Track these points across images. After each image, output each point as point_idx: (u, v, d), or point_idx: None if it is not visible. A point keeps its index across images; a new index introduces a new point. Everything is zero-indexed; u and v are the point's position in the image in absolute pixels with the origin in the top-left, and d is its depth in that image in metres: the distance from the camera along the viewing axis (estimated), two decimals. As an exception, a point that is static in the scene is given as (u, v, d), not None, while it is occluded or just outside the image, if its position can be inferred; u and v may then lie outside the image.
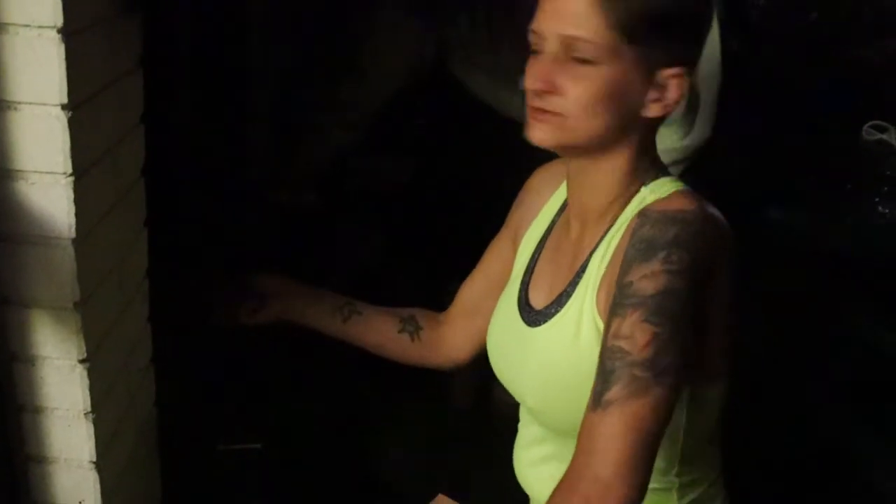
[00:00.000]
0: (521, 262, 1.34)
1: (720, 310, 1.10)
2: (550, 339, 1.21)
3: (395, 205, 2.22)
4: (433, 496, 1.53)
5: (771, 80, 2.24)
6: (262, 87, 1.73)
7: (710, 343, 1.11)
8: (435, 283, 1.62)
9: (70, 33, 0.96)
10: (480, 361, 1.42)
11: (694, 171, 1.83)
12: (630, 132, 1.13)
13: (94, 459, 1.16)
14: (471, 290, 1.47)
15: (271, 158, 1.87)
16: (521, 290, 1.31)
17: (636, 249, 1.06)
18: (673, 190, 1.14)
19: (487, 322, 1.40)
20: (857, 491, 1.69)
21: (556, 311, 1.20)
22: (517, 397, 1.30)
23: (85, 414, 1.14)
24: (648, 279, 1.03)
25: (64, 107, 0.97)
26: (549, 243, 1.31)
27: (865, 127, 2.22)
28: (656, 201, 1.11)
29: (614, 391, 1.00)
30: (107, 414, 1.19)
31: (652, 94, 1.10)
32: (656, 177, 1.17)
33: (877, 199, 1.88)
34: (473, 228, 1.52)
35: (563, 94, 1.09)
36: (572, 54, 1.08)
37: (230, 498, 1.52)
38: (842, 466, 1.72)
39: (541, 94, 1.10)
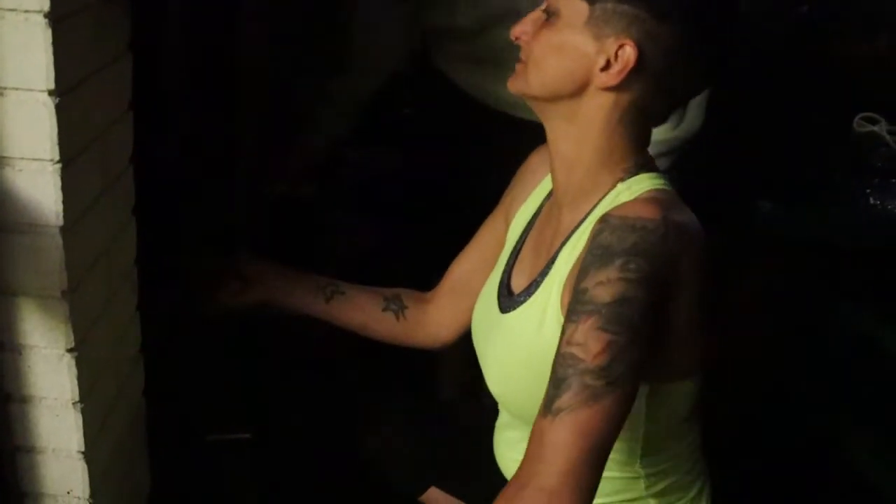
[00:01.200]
0: (510, 244, 1.35)
1: (688, 313, 1.09)
2: (515, 327, 1.21)
3: (386, 194, 2.21)
4: (425, 488, 1.53)
5: (761, 73, 2.24)
6: (252, 74, 1.72)
7: (676, 344, 1.10)
8: (426, 273, 1.62)
9: (57, 18, 0.94)
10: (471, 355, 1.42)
11: (684, 163, 1.83)
12: (590, 102, 1.13)
13: (83, 449, 1.15)
14: (461, 267, 1.48)
15: (260, 146, 1.85)
16: (504, 274, 1.31)
17: (593, 255, 1.05)
18: (645, 190, 1.13)
19: (474, 302, 1.41)
20: (848, 481, 1.70)
21: (525, 300, 1.21)
22: (486, 380, 1.30)
23: (73, 403, 1.13)
24: (604, 286, 1.01)
25: (51, 93, 0.96)
26: (535, 227, 1.31)
27: (856, 119, 2.22)
28: (619, 206, 1.10)
29: (565, 399, 0.98)
30: (95, 403, 1.18)
31: (600, 61, 1.10)
32: (636, 172, 1.16)
33: (868, 191, 1.88)
34: (463, 218, 1.52)
35: (527, 43, 1.15)
36: (543, 9, 1.14)
37: (220, 488, 1.51)
38: (833, 458, 1.73)
39: (515, 39, 1.17)
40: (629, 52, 1.09)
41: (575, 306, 1.03)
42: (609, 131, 1.14)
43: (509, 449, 1.32)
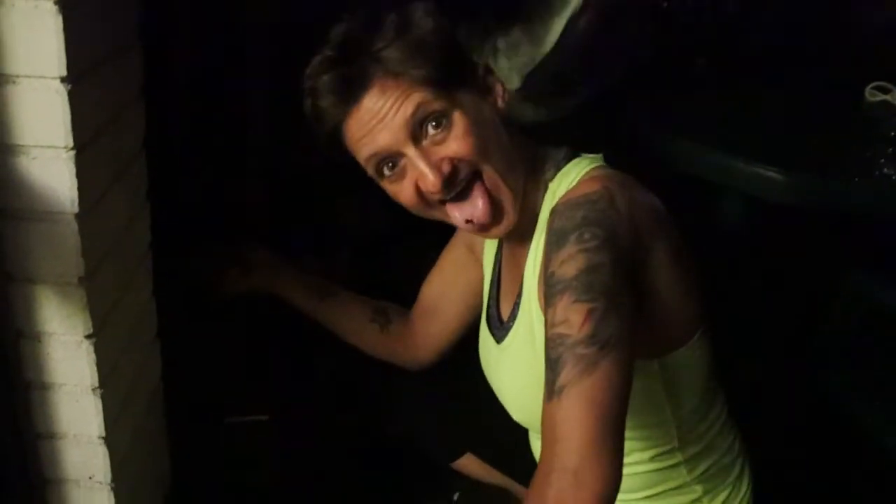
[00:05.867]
0: (487, 276, 1.37)
1: (666, 275, 1.08)
2: (514, 352, 1.22)
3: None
4: (459, 454, 1.54)
5: (770, 42, 2.22)
6: (262, 59, 1.71)
7: (665, 309, 1.10)
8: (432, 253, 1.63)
9: (67, 4, 0.94)
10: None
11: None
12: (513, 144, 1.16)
13: (103, 434, 1.17)
14: (429, 291, 1.52)
15: (272, 131, 1.85)
16: (489, 307, 1.34)
17: (550, 242, 1.05)
18: (579, 175, 1.14)
19: (446, 325, 1.48)
20: (869, 456, 1.70)
21: (511, 325, 1.22)
22: (509, 412, 1.31)
23: (93, 389, 1.14)
24: (567, 263, 1.01)
25: (63, 79, 0.96)
26: (504, 255, 1.32)
27: (868, 88, 2.20)
28: (564, 193, 1.11)
29: (563, 375, 0.97)
30: (114, 389, 1.19)
31: (490, 99, 1.15)
32: (559, 166, 1.17)
33: (882, 161, 1.87)
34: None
35: (458, 165, 1.11)
36: (427, 127, 1.10)
37: (239, 470, 1.52)
38: (853, 428, 1.73)
39: (451, 175, 1.11)
40: (491, 73, 1.17)
41: (549, 291, 1.02)
42: (530, 152, 1.18)
43: None
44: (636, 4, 1.82)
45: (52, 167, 1.00)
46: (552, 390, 0.97)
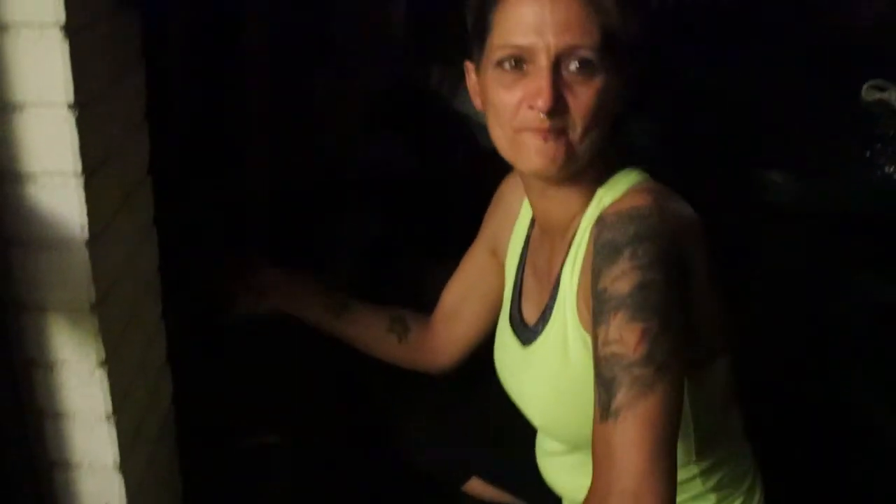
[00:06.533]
0: (510, 277, 1.35)
1: (701, 294, 1.08)
2: (541, 357, 1.20)
3: (396, 194, 2.20)
4: (467, 477, 1.53)
5: (768, 41, 2.23)
6: (262, 78, 1.71)
7: (702, 330, 1.09)
8: (434, 268, 1.62)
9: (73, 30, 0.93)
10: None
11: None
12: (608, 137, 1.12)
13: (118, 462, 1.15)
14: (450, 297, 1.50)
15: (274, 149, 1.85)
16: (512, 308, 1.32)
17: (601, 256, 1.03)
18: (627, 186, 1.12)
19: (468, 330, 1.46)
20: (879, 453, 1.69)
21: (543, 328, 1.20)
22: (527, 416, 1.30)
23: (106, 417, 1.12)
24: (621, 279, 1.00)
25: (70, 106, 0.95)
26: (529, 256, 1.31)
27: (865, 86, 2.21)
28: (611, 204, 1.09)
29: (620, 397, 0.96)
30: (128, 415, 1.17)
31: (622, 94, 1.10)
32: (610, 174, 1.15)
33: (881, 160, 1.87)
34: (469, 220, 1.51)
35: (571, 110, 1.06)
36: (570, 66, 1.05)
37: (252, 493, 1.51)
38: (862, 424, 1.72)
39: (551, 113, 1.05)
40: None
41: (600, 308, 1.01)
42: (602, 155, 1.14)
43: (562, 476, 1.31)
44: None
45: (60, 194, 0.99)
46: (607, 411, 0.97)
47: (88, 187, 1.00)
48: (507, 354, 1.31)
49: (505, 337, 1.32)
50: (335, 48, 1.97)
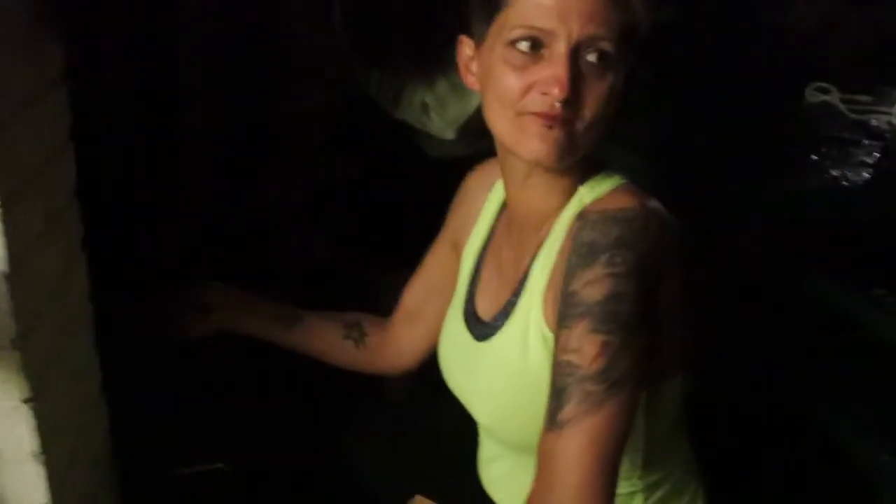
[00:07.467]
0: (465, 270, 1.31)
1: (669, 307, 1.06)
2: (498, 354, 1.17)
3: (344, 201, 2.17)
4: (408, 498, 1.50)
5: (704, 48, 2.23)
6: (196, 92, 1.66)
7: (662, 340, 1.07)
8: (387, 279, 1.59)
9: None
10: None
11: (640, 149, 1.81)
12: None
13: (48, 502, 1.09)
14: (412, 296, 1.46)
15: (209, 164, 1.80)
16: (466, 301, 1.28)
17: (578, 255, 1.01)
18: (610, 187, 1.09)
19: (430, 327, 1.41)
20: (832, 461, 1.69)
21: (503, 324, 1.16)
22: (471, 413, 1.26)
23: (34, 456, 1.06)
24: (593, 285, 0.97)
25: (-19, 131, 0.90)
26: (491, 249, 1.27)
27: (809, 89, 2.22)
28: (595, 201, 1.07)
29: (568, 409, 0.95)
30: (58, 452, 1.12)
31: (623, 92, 1.06)
32: (592, 173, 1.12)
33: (827, 163, 1.87)
34: (423, 224, 1.49)
35: (582, 102, 1.03)
36: (588, 56, 1.02)
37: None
38: (812, 432, 1.72)
39: (563, 102, 1.01)
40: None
41: (566, 311, 0.99)
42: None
43: (501, 484, 1.28)
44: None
45: (-27, 227, 0.94)
46: (554, 421, 0.96)
47: (6, 216, 0.94)
48: (456, 348, 1.28)
49: (455, 330, 1.28)
50: (272, 62, 1.93)
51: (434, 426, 1.48)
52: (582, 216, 1.04)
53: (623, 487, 1.16)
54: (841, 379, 1.77)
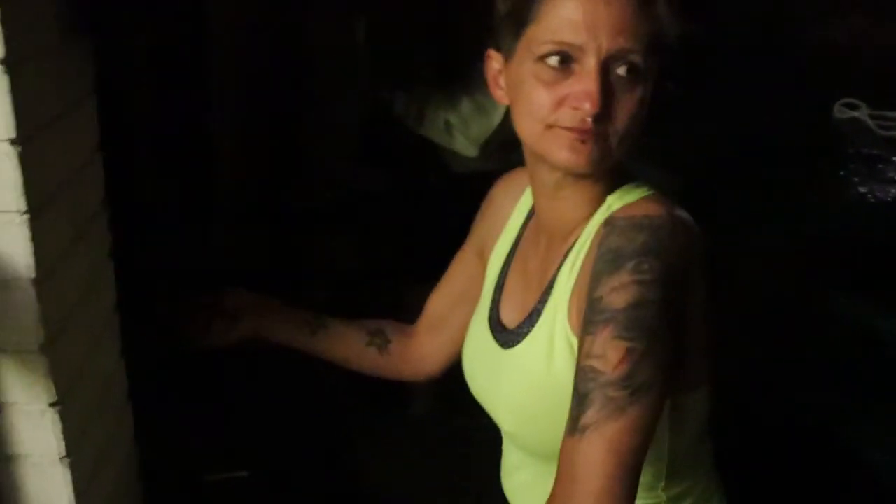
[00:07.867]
0: (491, 278, 1.31)
1: (695, 314, 1.05)
2: (523, 361, 1.16)
3: (373, 213, 2.18)
4: None
5: (736, 63, 2.22)
6: (226, 103, 1.68)
7: (689, 351, 1.06)
8: (410, 291, 1.60)
9: (14, 63, 0.90)
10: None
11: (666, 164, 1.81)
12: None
13: (73, 506, 1.12)
14: (436, 304, 1.46)
15: (241, 174, 1.82)
16: (491, 309, 1.28)
17: (604, 261, 1.00)
18: (640, 196, 1.09)
19: (454, 335, 1.41)
20: (856, 477, 1.67)
21: (529, 331, 1.16)
22: (495, 420, 1.26)
23: (60, 459, 1.08)
24: (618, 292, 0.97)
25: (13, 141, 0.92)
26: (517, 257, 1.27)
27: (837, 105, 2.21)
28: (622, 208, 1.07)
29: (589, 415, 0.94)
30: (84, 457, 1.14)
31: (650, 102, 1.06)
32: (621, 183, 1.12)
33: (856, 179, 1.86)
34: (450, 237, 1.49)
35: (613, 115, 1.03)
36: (618, 70, 1.02)
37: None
38: (837, 452, 1.71)
39: (594, 117, 1.01)
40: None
41: (591, 317, 0.99)
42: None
43: (523, 493, 1.28)
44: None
45: (5, 232, 0.96)
46: (575, 426, 0.95)
47: (35, 225, 0.97)
48: (480, 356, 1.28)
49: (479, 337, 1.28)
50: (301, 77, 1.95)
51: (456, 437, 1.48)
52: (609, 222, 1.05)
53: (646, 499, 1.15)
54: (865, 396, 1.75)
